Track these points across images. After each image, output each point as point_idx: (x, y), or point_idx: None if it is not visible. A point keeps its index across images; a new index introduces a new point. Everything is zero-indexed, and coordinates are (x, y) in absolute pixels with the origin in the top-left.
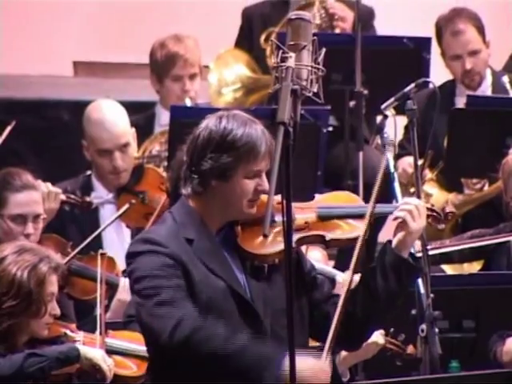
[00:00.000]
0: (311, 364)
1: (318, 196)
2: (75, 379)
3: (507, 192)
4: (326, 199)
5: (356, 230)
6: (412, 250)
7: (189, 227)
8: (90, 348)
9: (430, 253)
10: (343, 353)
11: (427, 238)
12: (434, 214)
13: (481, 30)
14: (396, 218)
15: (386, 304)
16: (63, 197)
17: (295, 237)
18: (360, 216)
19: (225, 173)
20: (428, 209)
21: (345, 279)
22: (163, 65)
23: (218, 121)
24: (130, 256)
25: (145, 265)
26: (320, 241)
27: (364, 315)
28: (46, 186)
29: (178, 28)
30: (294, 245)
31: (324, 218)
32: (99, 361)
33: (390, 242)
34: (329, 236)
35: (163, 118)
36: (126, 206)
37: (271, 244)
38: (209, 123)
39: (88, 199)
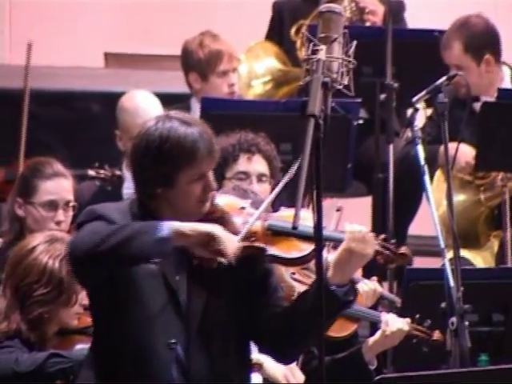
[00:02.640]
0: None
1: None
2: None
3: None
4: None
5: (300, 251)
6: None
7: (139, 220)
8: None
9: None
10: (370, 341)
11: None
12: (386, 252)
13: (471, 47)
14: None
15: (306, 327)
16: (92, 172)
17: (238, 245)
18: (308, 238)
19: (167, 181)
20: (381, 245)
21: (370, 287)
22: (209, 62)
23: (154, 129)
24: (77, 226)
25: (86, 227)
26: (260, 254)
27: (288, 330)
28: None
29: (208, 20)
30: (236, 253)
31: (272, 232)
32: None
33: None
34: (269, 251)
35: (198, 113)
36: None
37: None
38: (146, 132)
39: (118, 173)
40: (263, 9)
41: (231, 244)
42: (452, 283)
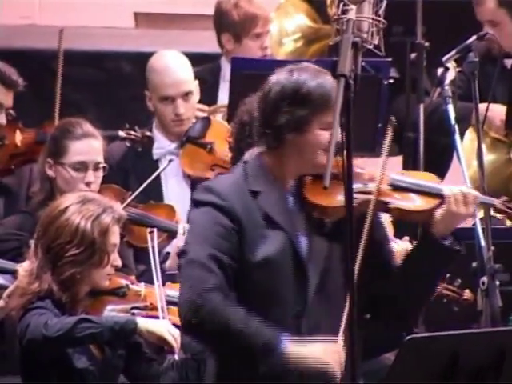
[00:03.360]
0: (320, 348)
1: (403, 171)
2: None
3: None
4: (407, 173)
5: (424, 205)
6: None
7: (259, 180)
8: (153, 320)
9: None
10: None
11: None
12: (508, 210)
13: (503, 3)
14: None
15: (423, 284)
16: (123, 133)
17: (360, 197)
18: (434, 195)
19: (301, 126)
20: (505, 205)
21: (402, 247)
22: (244, 25)
23: (289, 74)
24: (193, 203)
25: (199, 218)
26: (384, 208)
27: (403, 295)
28: None
29: None
30: (356, 204)
31: (395, 188)
32: (164, 333)
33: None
34: (393, 204)
35: (228, 73)
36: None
37: (335, 198)
38: (280, 77)
39: (148, 134)
40: None
41: (339, 367)
42: (483, 242)
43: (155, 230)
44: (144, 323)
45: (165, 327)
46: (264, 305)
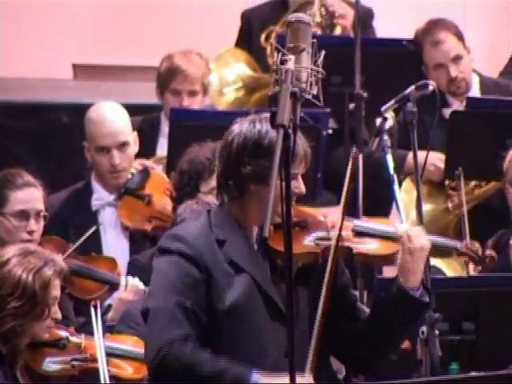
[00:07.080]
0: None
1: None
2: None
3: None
4: (370, 220)
5: (386, 250)
6: None
7: (223, 228)
8: None
9: None
10: None
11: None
12: (471, 254)
13: (460, 37)
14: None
15: (393, 334)
16: None
17: (324, 244)
18: (394, 239)
19: (264, 177)
20: (468, 248)
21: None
22: (164, 77)
23: (251, 125)
24: (160, 251)
25: (166, 267)
26: (347, 253)
27: (371, 341)
28: None
29: (177, 30)
30: (318, 250)
31: (358, 233)
32: None
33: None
34: (356, 249)
35: (166, 129)
36: None
37: (298, 244)
38: (242, 128)
39: None
40: (233, 18)
41: None
42: None
43: (98, 302)
44: None
45: None
46: (241, 352)
